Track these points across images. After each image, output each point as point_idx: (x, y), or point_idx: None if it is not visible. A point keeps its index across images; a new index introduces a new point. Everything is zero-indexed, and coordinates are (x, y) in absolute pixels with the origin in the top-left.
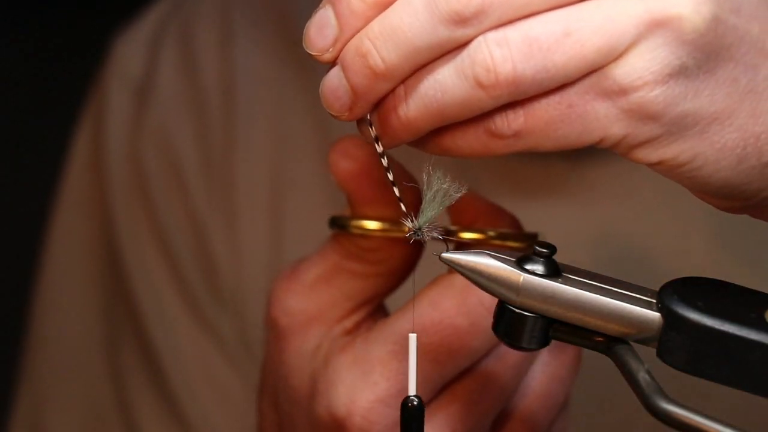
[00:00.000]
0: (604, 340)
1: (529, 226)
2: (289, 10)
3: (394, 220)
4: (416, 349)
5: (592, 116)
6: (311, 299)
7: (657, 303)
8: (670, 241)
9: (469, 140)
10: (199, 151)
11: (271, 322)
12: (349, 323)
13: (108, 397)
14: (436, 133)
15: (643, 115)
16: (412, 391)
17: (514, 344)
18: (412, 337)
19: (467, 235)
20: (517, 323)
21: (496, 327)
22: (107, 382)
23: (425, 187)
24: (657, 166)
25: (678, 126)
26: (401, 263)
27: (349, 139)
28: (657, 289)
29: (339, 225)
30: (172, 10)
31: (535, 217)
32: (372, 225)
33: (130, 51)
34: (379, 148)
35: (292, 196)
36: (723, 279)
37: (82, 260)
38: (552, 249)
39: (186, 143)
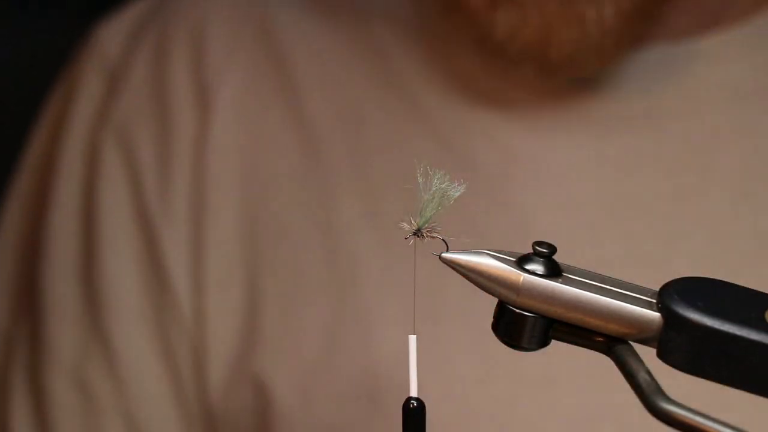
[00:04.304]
0: (604, 340)
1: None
2: (269, 20)
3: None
4: (416, 351)
5: None
6: None
7: (657, 303)
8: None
9: None
10: (159, 155)
11: None
12: None
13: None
14: None
15: None
16: (413, 392)
17: (514, 344)
18: (412, 339)
19: None
20: (517, 323)
21: (496, 327)
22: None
23: (423, 187)
24: None
25: None
26: None
27: None
28: (657, 289)
29: None
30: (158, 7)
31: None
32: None
33: (110, 37)
34: None
35: (266, 198)
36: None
37: (14, 251)
38: (552, 249)
39: (145, 145)
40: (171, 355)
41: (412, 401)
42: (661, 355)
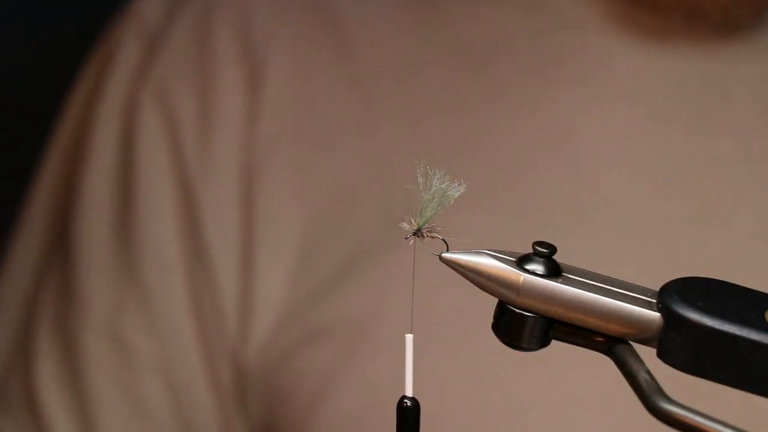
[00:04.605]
0: (604, 340)
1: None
2: None
3: None
4: (413, 350)
5: None
6: None
7: (657, 303)
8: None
9: None
10: (200, 113)
11: None
12: None
13: None
14: None
15: None
16: (408, 392)
17: (514, 344)
18: (409, 338)
19: None
20: (517, 323)
21: (496, 327)
22: None
23: (424, 186)
24: None
25: None
26: None
27: None
28: (657, 289)
29: None
30: None
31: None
32: None
33: (150, 6)
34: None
35: (320, 156)
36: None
37: (49, 204)
38: (552, 249)
39: (186, 103)
40: (205, 310)
41: (406, 400)
42: (661, 355)
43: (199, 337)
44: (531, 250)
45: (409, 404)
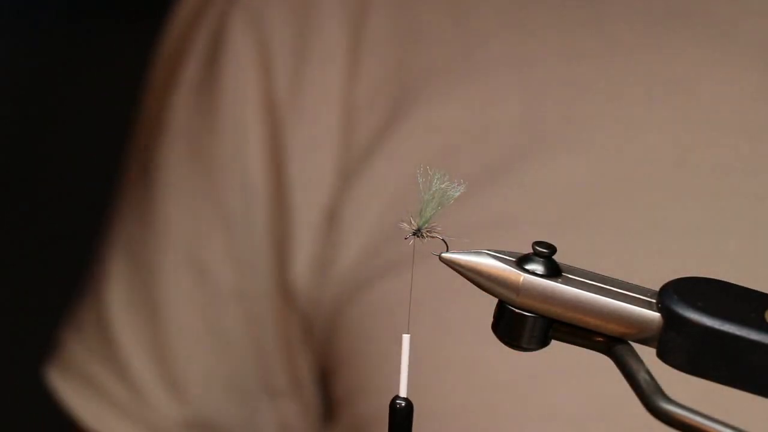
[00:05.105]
0: (604, 340)
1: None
2: None
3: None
4: (408, 350)
5: None
6: None
7: (657, 303)
8: None
9: None
10: (295, 46)
11: None
12: None
13: None
14: None
15: None
16: (402, 392)
17: (514, 344)
18: (406, 338)
19: None
20: (517, 323)
21: (495, 327)
22: None
23: (423, 187)
24: None
25: None
26: None
27: None
28: (657, 289)
29: None
30: None
31: None
32: None
33: None
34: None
35: (419, 92)
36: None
37: (141, 133)
38: (552, 249)
39: (282, 32)
40: (283, 245)
41: (398, 401)
42: (661, 355)
43: (275, 270)
44: (531, 250)
45: (402, 405)
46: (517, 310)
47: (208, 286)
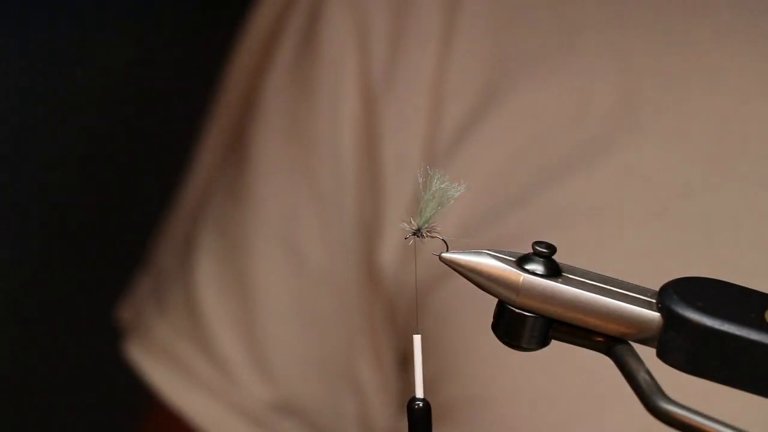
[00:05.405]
0: (604, 340)
1: None
2: None
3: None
4: (421, 351)
5: None
6: None
7: (657, 303)
8: None
9: None
10: (392, 28)
11: None
12: None
13: None
14: None
15: None
16: (419, 393)
17: (514, 344)
18: (417, 339)
19: None
20: (516, 323)
21: (495, 327)
22: None
23: (423, 186)
24: None
25: None
26: None
27: None
28: (657, 289)
29: None
30: None
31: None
32: None
33: None
34: None
35: (514, 78)
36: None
37: (230, 110)
38: (552, 249)
39: (379, 12)
40: (372, 228)
41: (417, 402)
42: (661, 355)
43: (364, 251)
44: (531, 250)
45: (420, 405)
46: (517, 310)
47: (299, 266)
